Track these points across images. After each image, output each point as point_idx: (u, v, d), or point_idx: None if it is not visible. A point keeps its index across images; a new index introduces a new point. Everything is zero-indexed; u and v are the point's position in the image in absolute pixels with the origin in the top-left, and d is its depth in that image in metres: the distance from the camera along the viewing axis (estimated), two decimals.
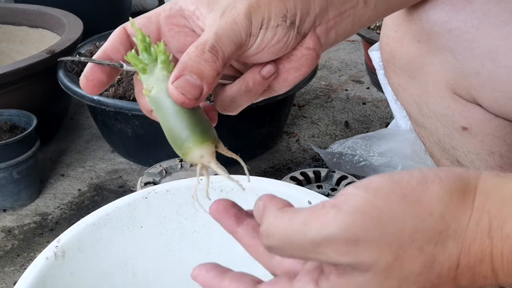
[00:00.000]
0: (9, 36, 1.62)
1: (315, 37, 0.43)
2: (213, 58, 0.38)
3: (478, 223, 0.32)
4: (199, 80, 0.38)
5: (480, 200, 0.32)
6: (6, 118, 1.17)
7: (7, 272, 0.99)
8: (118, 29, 0.45)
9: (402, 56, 0.63)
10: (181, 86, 0.38)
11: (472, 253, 0.32)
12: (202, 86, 0.38)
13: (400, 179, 0.33)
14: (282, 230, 0.34)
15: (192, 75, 0.38)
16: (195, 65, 0.38)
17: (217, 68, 0.38)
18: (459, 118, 0.62)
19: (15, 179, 1.11)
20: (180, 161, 1.07)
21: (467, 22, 0.56)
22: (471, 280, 0.32)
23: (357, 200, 0.32)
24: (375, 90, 1.64)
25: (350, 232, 0.31)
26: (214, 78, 0.38)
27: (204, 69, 0.38)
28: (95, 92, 0.44)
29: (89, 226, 0.70)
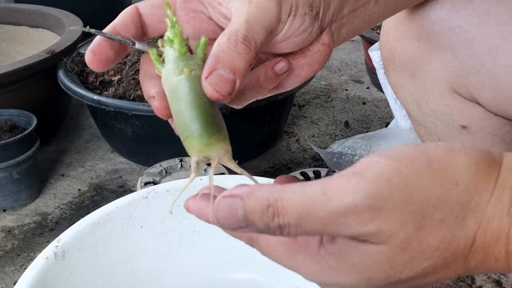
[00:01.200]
0: (9, 36, 1.62)
1: (330, 33, 0.43)
2: (246, 49, 0.37)
3: (500, 198, 0.31)
4: (232, 75, 0.36)
5: (504, 175, 0.31)
6: (6, 118, 1.17)
7: (7, 272, 0.99)
8: (130, 7, 0.43)
9: (402, 55, 0.63)
10: (214, 82, 0.36)
11: (489, 230, 0.31)
12: (235, 80, 0.36)
13: (426, 147, 0.32)
14: (298, 203, 0.31)
15: (225, 69, 0.36)
16: (227, 58, 0.36)
17: (250, 60, 0.37)
18: (458, 116, 0.62)
19: (15, 179, 1.11)
20: (180, 161, 1.07)
21: (467, 21, 0.56)
22: (481, 261, 0.31)
23: (381, 166, 0.31)
24: (375, 90, 1.64)
25: (375, 199, 0.30)
26: (246, 71, 0.37)
27: (237, 62, 0.36)
28: (100, 69, 0.42)
29: (89, 226, 0.70)
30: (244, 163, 1.26)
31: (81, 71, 1.29)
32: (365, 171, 0.30)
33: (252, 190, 0.32)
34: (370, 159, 0.31)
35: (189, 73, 0.37)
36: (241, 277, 0.78)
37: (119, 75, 1.24)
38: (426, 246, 0.31)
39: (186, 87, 0.37)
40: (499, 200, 0.31)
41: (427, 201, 0.30)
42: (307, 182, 0.32)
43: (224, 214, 0.33)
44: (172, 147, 1.17)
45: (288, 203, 0.31)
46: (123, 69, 1.25)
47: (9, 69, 1.19)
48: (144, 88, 0.41)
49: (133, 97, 1.16)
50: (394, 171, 0.30)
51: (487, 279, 0.91)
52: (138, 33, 0.43)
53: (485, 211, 0.31)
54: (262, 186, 0.33)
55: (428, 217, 0.30)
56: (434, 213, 0.30)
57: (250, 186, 0.33)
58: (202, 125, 0.37)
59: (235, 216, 0.32)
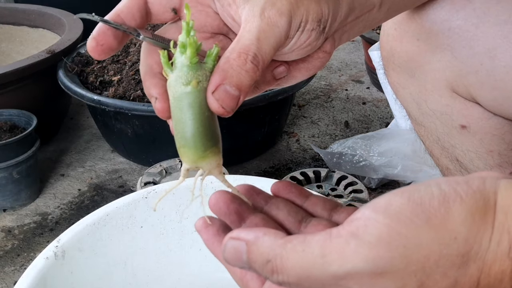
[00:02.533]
0: (9, 36, 1.62)
1: (332, 41, 0.43)
2: (254, 69, 0.37)
3: (499, 243, 0.31)
4: (237, 92, 0.37)
5: (500, 219, 0.31)
6: (6, 118, 1.17)
7: (7, 272, 0.99)
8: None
9: (401, 54, 0.63)
10: (221, 99, 0.37)
11: (492, 274, 0.31)
12: (239, 97, 0.37)
13: (422, 201, 0.31)
14: (297, 265, 0.31)
15: (232, 86, 0.37)
16: (235, 75, 0.37)
17: (256, 78, 0.38)
18: (458, 116, 0.62)
19: (15, 179, 1.11)
20: (180, 161, 1.07)
21: (467, 21, 0.56)
22: None
23: (379, 227, 0.31)
24: (375, 90, 1.64)
25: (376, 265, 0.30)
26: (251, 88, 0.38)
27: (244, 80, 0.37)
28: (101, 57, 0.42)
29: (89, 226, 0.70)
30: (244, 163, 1.27)
31: (81, 71, 1.30)
32: (363, 233, 0.31)
33: (256, 238, 0.33)
34: (367, 215, 0.31)
35: (196, 85, 0.37)
36: None
37: (119, 75, 1.24)
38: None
39: (192, 99, 0.37)
40: (498, 244, 0.31)
41: (428, 259, 0.31)
42: (306, 238, 0.32)
43: (230, 255, 0.34)
44: (172, 147, 1.17)
45: (287, 263, 0.32)
46: (123, 69, 1.25)
47: (9, 69, 1.19)
48: (146, 85, 0.41)
49: (133, 97, 1.16)
50: (393, 233, 0.30)
51: None
52: (143, 22, 0.42)
53: (486, 257, 0.31)
54: (266, 235, 0.33)
55: (430, 273, 0.31)
56: (436, 268, 0.31)
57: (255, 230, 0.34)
58: (200, 138, 0.37)
59: (240, 259, 0.34)
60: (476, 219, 0.31)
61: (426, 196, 0.31)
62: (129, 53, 1.30)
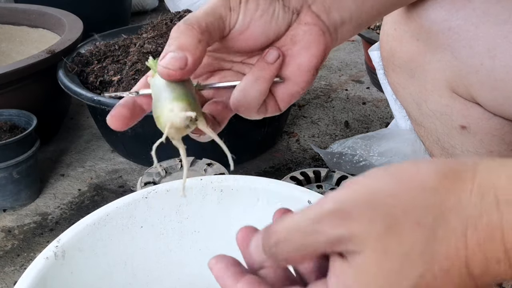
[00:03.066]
0: (9, 36, 1.62)
1: (311, 13, 0.43)
2: (187, 28, 0.39)
3: (483, 197, 0.30)
4: (181, 53, 0.39)
5: (482, 176, 0.31)
6: (6, 118, 1.17)
7: (7, 272, 0.99)
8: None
9: (401, 54, 0.63)
10: (165, 62, 0.39)
11: (480, 228, 0.30)
12: (185, 56, 0.39)
13: (394, 166, 0.33)
14: (288, 221, 0.34)
15: (174, 50, 0.39)
16: (173, 40, 0.39)
17: (196, 35, 0.39)
18: (458, 116, 0.62)
19: (15, 179, 1.11)
20: (180, 161, 1.07)
21: (466, 21, 0.56)
22: (484, 265, 0.31)
23: (352, 181, 0.34)
24: (375, 90, 1.64)
25: (343, 205, 0.32)
26: (195, 46, 0.39)
27: (182, 40, 0.39)
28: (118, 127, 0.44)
29: (89, 226, 0.70)
30: (244, 163, 1.27)
31: (81, 71, 1.29)
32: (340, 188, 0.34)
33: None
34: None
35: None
36: None
37: (119, 75, 1.24)
38: (409, 248, 0.31)
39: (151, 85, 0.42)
40: (482, 198, 0.31)
41: (394, 207, 0.31)
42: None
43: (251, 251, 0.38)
44: (172, 147, 1.17)
45: (281, 223, 0.35)
46: (123, 69, 1.25)
47: (9, 69, 1.19)
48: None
49: None
50: (361, 182, 0.33)
51: None
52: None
53: (469, 211, 0.31)
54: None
55: (399, 219, 0.31)
56: (405, 217, 0.31)
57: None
58: (166, 99, 0.40)
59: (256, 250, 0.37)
60: (448, 175, 0.32)
61: (399, 163, 0.34)
62: (129, 53, 1.30)
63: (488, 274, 0.31)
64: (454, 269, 0.31)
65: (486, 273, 0.31)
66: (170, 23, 1.37)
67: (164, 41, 1.27)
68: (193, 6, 1.87)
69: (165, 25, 1.35)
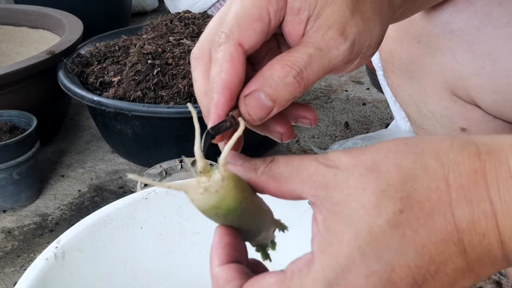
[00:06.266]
0: (9, 37, 1.62)
1: None
2: (294, 85, 0.35)
3: (465, 146, 0.31)
4: (271, 103, 0.36)
5: (461, 137, 0.32)
6: (6, 119, 1.17)
7: (7, 273, 0.99)
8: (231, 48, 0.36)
9: (401, 56, 0.63)
10: (250, 105, 0.36)
11: (463, 172, 0.30)
12: (272, 108, 0.36)
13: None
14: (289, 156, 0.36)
15: (266, 95, 0.35)
16: (273, 85, 0.35)
17: (296, 94, 0.36)
18: (458, 119, 0.62)
19: (15, 180, 1.11)
20: (180, 162, 1.07)
21: (468, 23, 0.56)
22: (471, 217, 0.30)
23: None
24: (375, 90, 1.64)
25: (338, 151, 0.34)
26: (288, 102, 0.36)
27: (281, 93, 0.35)
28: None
29: (89, 227, 0.70)
30: None
31: (81, 72, 1.30)
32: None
33: None
34: None
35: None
36: None
37: (119, 76, 1.24)
38: (386, 185, 0.31)
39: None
40: (463, 147, 0.31)
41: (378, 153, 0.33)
42: None
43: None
44: (172, 148, 1.17)
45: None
46: (123, 70, 1.25)
47: (9, 70, 1.19)
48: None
49: (133, 98, 1.16)
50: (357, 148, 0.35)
51: (487, 280, 0.91)
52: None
53: (450, 156, 0.31)
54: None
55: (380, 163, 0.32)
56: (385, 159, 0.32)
57: None
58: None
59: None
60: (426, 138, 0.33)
61: None
62: (129, 54, 1.30)
63: (476, 232, 0.30)
64: (438, 215, 0.30)
65: (473, 229, 0.30)
66: (170, 24, 1.37)
67: (164, 42, 1.27)
68: (193, 7, 1.87)
69: (165, 26, 1.35)
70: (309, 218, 0.41)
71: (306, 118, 0.40)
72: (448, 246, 0.30)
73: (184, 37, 1.30)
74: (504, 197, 0.29)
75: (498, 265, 0.31)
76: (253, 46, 0.36)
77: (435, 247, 0.30)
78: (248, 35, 0.36)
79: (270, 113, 0.36)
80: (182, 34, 1.31)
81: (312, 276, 0.32)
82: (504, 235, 0.30)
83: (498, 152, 0.30)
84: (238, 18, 0.36)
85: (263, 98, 0.35)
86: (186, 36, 1.30)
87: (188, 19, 1.38)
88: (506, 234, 0.29)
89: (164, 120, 1.12)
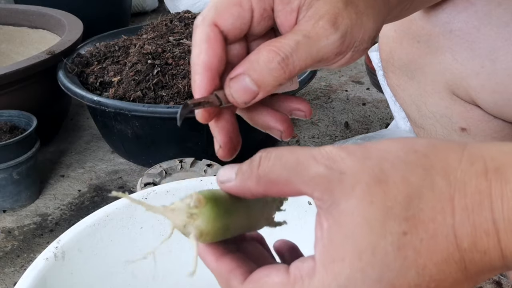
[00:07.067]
0: (9, 37, 1.62)
1: None
2: (279, 71, 0.35)
3: (473, 164, 0.30)
4: (255, 87, 0.36)
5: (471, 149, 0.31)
6: (6, 119, 1.17)
7: (7, 273, 0.99)
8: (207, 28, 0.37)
9: (401, 56, 0.63)
10: (234, 88, 0.36)
11: (468, 193, 0.30)
12: (257, 93, 0.36)
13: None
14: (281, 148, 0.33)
15: (251, 80, 0.36)
16: (258, 70, 0.35)
17: (281, 80, 0.36)
18: (458, 119, 0.62)
19: (15, 180, 1.11)
20: (180, 162, 1.07)
21: (468, 23, 0.56)
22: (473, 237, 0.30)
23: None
24: (375, 90, 1.64)
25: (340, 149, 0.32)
26: (273, 87, 0.36)
27: (266, 78, 0.36)
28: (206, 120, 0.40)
29: (89, 227, 0.70)
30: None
31: (81, 72, 1.30)
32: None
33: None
34: None
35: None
36: None
37: (119, 76, 1.24)
38: (394, 202, 0.30)
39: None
40: (472, 165, 0.30)
41: (386, 160, 0.31)
42: None
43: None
44: (172, 148, 1.17)
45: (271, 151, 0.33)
46: (123, 70, 1.25)
47: (9, 70, 1.19)
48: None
49: (133, 98, 1.16)
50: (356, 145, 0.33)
51: (487, 280, 0.91)
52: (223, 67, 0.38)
53: (457, 174, 0.30)
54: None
55: (388, 173, 0.30)
56: (394, 171, 0.31)
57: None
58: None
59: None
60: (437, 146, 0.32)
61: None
62: (129, 54, 1.30)
63: (477, 250, 0.30)
64: (441, 237, 0.30)
65: (474, 247, 0.30)
66: (170, 24, 1.37)
67: (164, 42, 1.27)
68: (193, 7, 1.87)
69: (165, 26, 1.35)
70: (309, 218, 0.41)
71: (300, 111, 0.41)
72: (449, 265, 0.30)
73: (184, 37, 1.30)
74: (508, 215, 0.29)
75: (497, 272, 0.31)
76: (230, 29, 0.37)
77: (436, 267, 0.30)
78: (224, 17, 0.36)
79: (255, 98, 0.36)
80: (182, 34, 1.31)
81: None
82: (506, 250, 0.30)
83: (506, 168, 0.30)
84: (216, 2, 0.36)
85: (248, 82, 0.36)
86: (186, 36, 1.30)
87: (188, 19, 1.38)
88: (508, 249, 0.30)
89: (164, 120, 1.12)
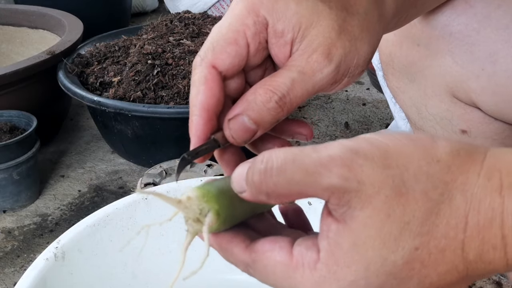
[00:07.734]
0: (9, 37, 1.62)
1: None
2: (277, 110, 0.36)
3: (490, 179, 0.30)
4: (254, 126, 0.36)
5: (490, 161, 0.31)
6: (6, 119, 1.17)
7: (7, 273, 0.99)
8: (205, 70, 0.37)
9: (401, 59, 0.63)
10: (234, 129, 0.36)
11: (482, 210, 0.30)
12: (256, 131, 0.36)
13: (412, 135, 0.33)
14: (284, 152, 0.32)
15: (250, 119, 0.36)
16: (256, 110, 0.36)
17: (279, 118, 0.36)
18: (458, 121, 0.62)
19: (15, 180, 1.11)
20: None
21: (468, 26, 0.56)
22: (480, 250, 0.30)
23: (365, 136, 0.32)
24: (375, 91, 1.64)
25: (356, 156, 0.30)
26: (272, 125, 0.37)
27: (264, 117, 0.36)
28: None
29: (89, 227, 0.70)
30: None
31: (81, 72, 1.30)
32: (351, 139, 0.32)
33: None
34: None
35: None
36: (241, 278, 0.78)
37: (119, 76, 1.24)
38: (411, 217, 0.30)
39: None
40: (489, 180, 0.30)
41: (407, 169, 0.30)
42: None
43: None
44: (172, 148, 1.17)
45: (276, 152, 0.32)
46: (123, 70, 1.25)
47: (9, 70, 1.19)
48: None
49: (133, 98, 1.16)
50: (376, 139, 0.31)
51: (487, 280, 0.91)
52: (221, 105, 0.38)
53: (475, 191, 0.30)
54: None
55: (409, 186, 0.30)
56: (415, 183, 0.30)
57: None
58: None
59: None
60: (461, 153, 0.31)
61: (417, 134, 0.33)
62: (129, 54, 1.31)
63: (482, 261, 0.30)
64: (449, 251, 0.30)
65: (480, 259, 0.30)
66: (170, 24, 1.37)
67: (164, 42, 1.27)
68: (193, 7, 1.87)
69: (165, 26, 1.35)
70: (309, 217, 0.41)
71: (302, 134, 0.41)
72: (452, 274, 0.31)
73: (184, 38, 1.30)
74: None
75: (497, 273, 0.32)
76: (228, 68, 0.37)
77: (438, 277, 0.31)
78: (221, 58, 0.36)
79: (254, 136, 0.37)
80: (182, 34, 1.31)
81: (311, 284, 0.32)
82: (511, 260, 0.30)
83: None
84: (213, 42, 0.37)
85: (246, 122, 0.36)
86: (186, 37, 1.30)
87: (188, 20, 1.38)
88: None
89: (164, 120, 1.12)
